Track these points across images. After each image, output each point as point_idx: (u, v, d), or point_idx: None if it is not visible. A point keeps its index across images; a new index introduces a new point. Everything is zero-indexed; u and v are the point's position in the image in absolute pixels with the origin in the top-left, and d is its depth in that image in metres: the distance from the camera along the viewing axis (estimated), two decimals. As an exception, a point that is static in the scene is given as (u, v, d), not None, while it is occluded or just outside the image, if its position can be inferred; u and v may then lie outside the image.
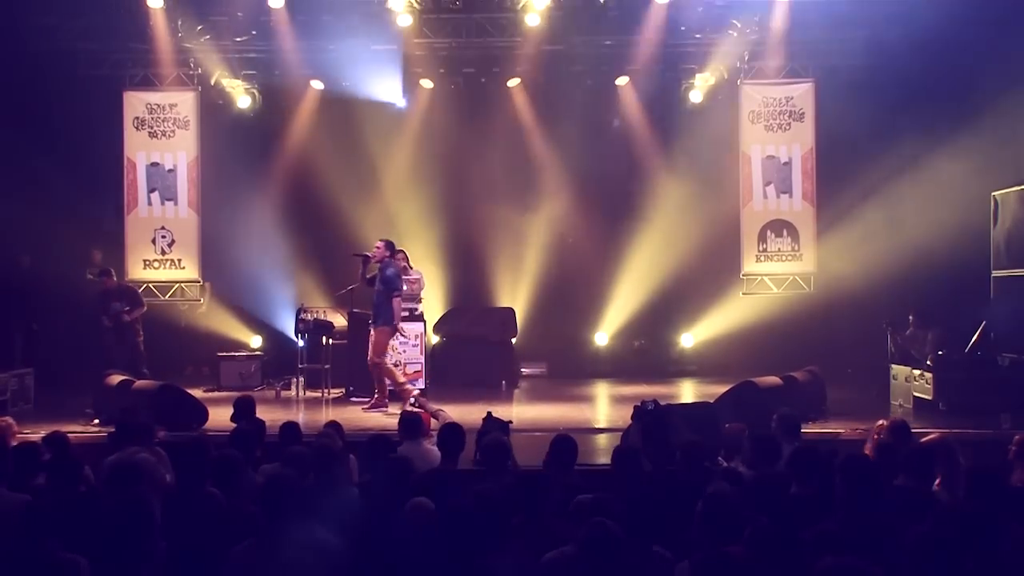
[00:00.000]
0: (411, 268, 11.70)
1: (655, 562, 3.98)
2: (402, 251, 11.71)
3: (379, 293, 10.35)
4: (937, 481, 5.26)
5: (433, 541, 4.15)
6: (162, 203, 13.50)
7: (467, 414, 8.58)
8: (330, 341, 11.59)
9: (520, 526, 4.38)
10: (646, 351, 14.23)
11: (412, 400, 9.31)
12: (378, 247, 10.50)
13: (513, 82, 13.94)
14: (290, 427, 6.52)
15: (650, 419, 6.38)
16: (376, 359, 10.39)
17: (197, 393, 10.55)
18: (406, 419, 6.70)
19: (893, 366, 10.76)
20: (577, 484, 4.97)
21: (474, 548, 3.95)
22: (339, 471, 5.76)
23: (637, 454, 5.41)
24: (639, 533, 4.05)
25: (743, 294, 13.59)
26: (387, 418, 9.56)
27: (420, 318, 11.58)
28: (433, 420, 8.34)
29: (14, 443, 6.37)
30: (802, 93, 13.40)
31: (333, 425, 6.82)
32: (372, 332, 10.45)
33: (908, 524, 4.03)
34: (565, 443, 5.54)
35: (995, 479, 4.61)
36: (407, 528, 4.29)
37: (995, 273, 11.62)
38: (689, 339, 14.12)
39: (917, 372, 10.16)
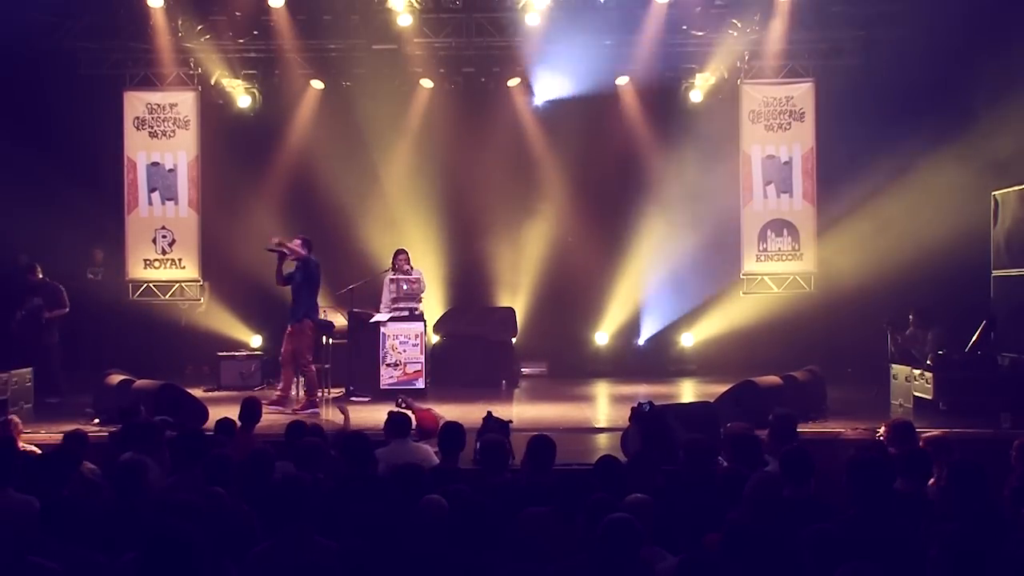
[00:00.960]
0: (412, 268, 11.70)
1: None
2: (404, 250, 11.72)
3: (300, 287, 10.17)
4: (932, 480, 5.26)
5: (434, 540, 4.15)
6: (162, 203, 13.51)
7: (467, 414, 8.58)
8: (330, 341, 11.58)
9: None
10: (646, 351, 14.23)
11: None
12: (300, 243, 10.28)
13: (513, 82, 13.94)
14: (296, 426, 6.48)
15: (649, 420, 6.38)
16: (302, 358, 10.30)
17: (197, 393, 10.55)
18: (393, 419, 6.71)
19: (893, 366, 10.75)
20: (556, 485, 4.97)
21: (472, 547, 3.94)
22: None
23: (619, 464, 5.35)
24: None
25: (743, 294, 13.59)
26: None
27: (420, 318, 11.58)
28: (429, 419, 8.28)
29: (20, 442, 6.42)
30: (802, 93, 13.40)
31: (316, 428, 6.84)
32: (290, 330, 10.36)
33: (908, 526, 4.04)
34: (543, 444, 5.56)
35: (979, 477, 4.59)
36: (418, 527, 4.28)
37: (995, 273, 11.61)
38: (689, 339, 14.12)
39: (917, 372, 10.15)
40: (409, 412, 7.60)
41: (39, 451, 6.49)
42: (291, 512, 4.13)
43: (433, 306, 13.21)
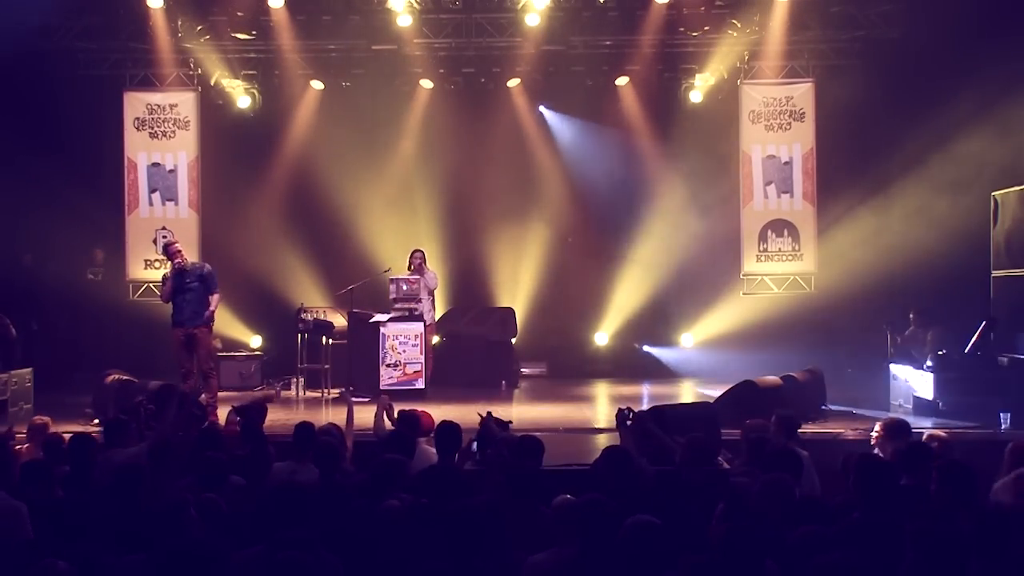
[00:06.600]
0: (427, 268, 11.71)
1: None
2: (420, 250, 11.74)
3: (197, 291, 9.72)
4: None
5: (427, 541, 4.14)
6: (163, 203, 13.49)
7: (467, 414, 8.56)
8: (330, 341, 11.60)
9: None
10: (645, 352, 14.23)
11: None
12: (181, 250, 9.86)
13: (513, 82, 13.94)
14: (304, 428, 6.29)
15: (634, 427, 6.34)
16: (213, 361, 9.89)
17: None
18: (403, 419, 6.68)
19: (893, 366, 10.75)
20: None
21: (470, 548, 3.93)
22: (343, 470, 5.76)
23: (627, 456, 5.33)
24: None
25: (743, 294, 13.58)
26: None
27: (420, 318, 11.56)
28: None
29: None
30: (802, 93, 13.39)
31: (331, 427, 6.79)
32: (196, 334, 9.56)
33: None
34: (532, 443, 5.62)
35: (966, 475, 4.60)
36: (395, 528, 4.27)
37: (995, 273, 11.59)
38: (689, 339, 14.11)
39: (917, 372, 10.15)
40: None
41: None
42: (282, 518, 4.08)
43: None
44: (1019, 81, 11.02)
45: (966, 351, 10.27)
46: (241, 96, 13.77)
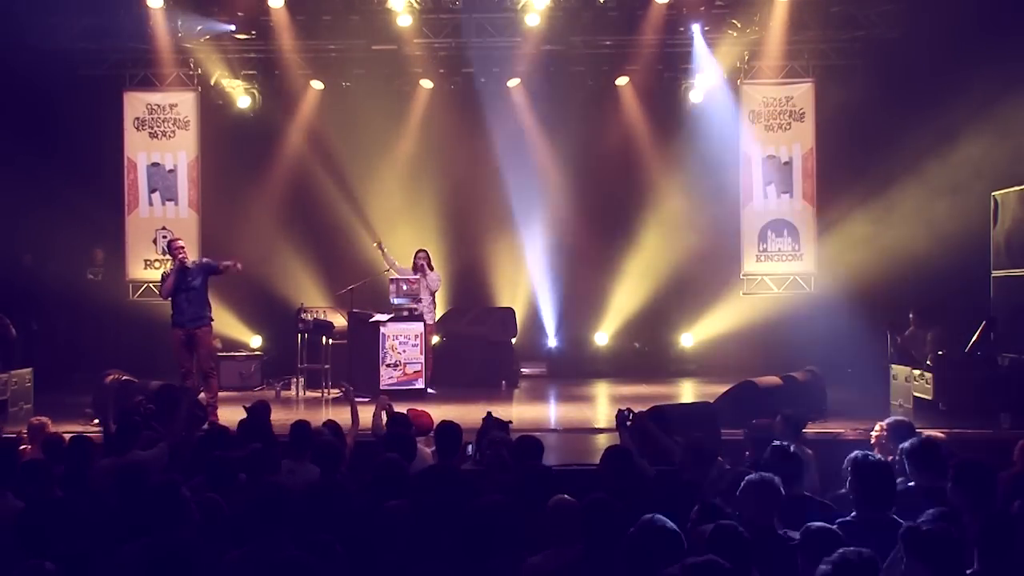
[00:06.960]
0: (430, 269, 11.69)
1: None
2: (424, 251, 11.74)
3: (199, 291, 9.68)
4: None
5: (431, 541, 4.14)
6: (163, 203, 13.50)
7: (467, 414, 8.57)
8: (330, 341, 11.60)
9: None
10: (646, 352, 14.22)
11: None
12: (183, 247, 9.81)
13: (513, 82, 13.94)
14: (301, 427, 6.26)
15: (633, 429, 6.34)
16: (213, 361, 9.91)
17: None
18: (395, 421, 6.68)
19: (893, 366, 10.73)
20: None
21: (473, 548, 3.93)
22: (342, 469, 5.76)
23: (628, 455, 5.33)
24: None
25: (743, 294, 13.58)
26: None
27: (420, 318, 11.56)
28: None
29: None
30: (802, 93, 13.39)
31: (330, 424, 6.78)
32: (197, 334, 9.55)
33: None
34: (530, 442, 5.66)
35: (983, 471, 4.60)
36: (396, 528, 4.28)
37: (995, 273, 11.59)
38: (689, 339, 14.11)
39: (917, 372, 10.14)
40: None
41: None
42: (268, 518, 4.07)
43: (433, 306, 13.21)
44: (1019, 81, 11.01)
45: (966, 351, 10.27)
46: (241, 96, 13.77)
